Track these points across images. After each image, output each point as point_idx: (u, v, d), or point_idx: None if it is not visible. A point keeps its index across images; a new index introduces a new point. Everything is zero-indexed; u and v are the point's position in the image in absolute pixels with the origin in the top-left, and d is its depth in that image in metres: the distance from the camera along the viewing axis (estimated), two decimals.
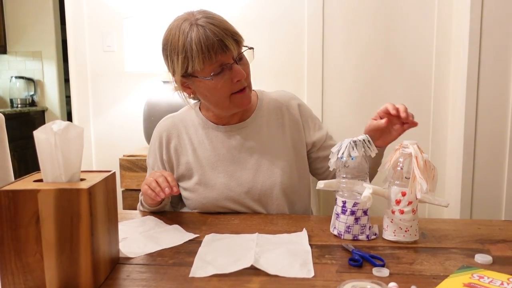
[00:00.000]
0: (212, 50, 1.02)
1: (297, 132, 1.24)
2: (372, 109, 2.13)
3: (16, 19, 3.95)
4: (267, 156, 1.19)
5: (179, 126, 1.23)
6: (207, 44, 1.02)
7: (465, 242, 0.95)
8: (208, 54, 1.02)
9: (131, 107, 2.28)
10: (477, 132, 1.98)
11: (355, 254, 0.86)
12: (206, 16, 1.05)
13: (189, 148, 1.21)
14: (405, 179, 0.93)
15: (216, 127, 1.21)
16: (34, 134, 0.73)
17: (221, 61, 1.05)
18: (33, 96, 4.03)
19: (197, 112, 1.24)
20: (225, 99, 1.10)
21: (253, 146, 1.20)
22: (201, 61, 1.03)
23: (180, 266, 0.83)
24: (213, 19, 1.05)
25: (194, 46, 1.03)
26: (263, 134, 1.21)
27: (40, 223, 0.69)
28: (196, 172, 1.20)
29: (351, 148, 0.96)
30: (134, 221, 1.10)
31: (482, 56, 1.93)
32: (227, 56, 1.05)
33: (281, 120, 1.23)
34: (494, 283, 0.71)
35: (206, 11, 1.08)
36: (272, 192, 1.18)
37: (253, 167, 1.19)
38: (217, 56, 1.04)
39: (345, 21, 2.12)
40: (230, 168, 1.19)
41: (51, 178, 0.75)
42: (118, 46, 2.26)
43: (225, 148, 1.20)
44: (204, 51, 1.02)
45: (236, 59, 1.08)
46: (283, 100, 1.26)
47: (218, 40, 1.02)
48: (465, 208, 2.01)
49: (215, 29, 1.03)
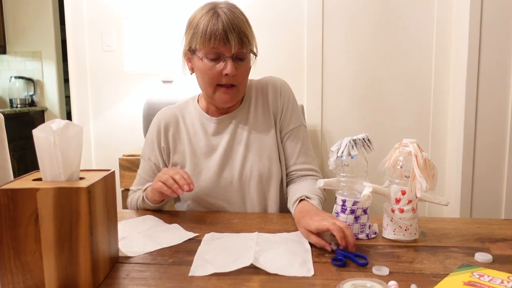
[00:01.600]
0: (213, 37, 1.10)
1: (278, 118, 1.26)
2: (371, 108, 2.15)
3: (16, 19, 3.95)
4: (255, 143, 1.23)
5: (177, 116, 1.28)
6: (212, 30, 1.10)
7: (465, 241, 0.95)
8: (208, 39, 1.10)
9: (130, 107, 2.28)
10: (477, 131, 1.98)
11: (338, 253, 0.86)
12: (227, 8, 1.13)
13: (185, 137, 1.25)
14: (405, 177, 0.93)
15: (210, 119, 1.25)
16: (34, 133, 0.73)
17: (219, 50, 1.12)
18: (32, 96, 4.03)
19: (194, 105, 1.29)
20: (210, 86, 1.17)
21: (242, 135, 1.24)
22: (201, 41, 1.12)
23: (179, 265, 0.83)
24: (231, 13, 1.12)
25: (201, 27, 1.11)
26: (251, 122, 1.25)
27: (39, 222, 0.69)
28: (190, 161, 1.23)
29: (350, 147, 0.96)
30: (133, 220, 1.10)
31: (482, 54, 1.93)
32: (226, 48, 1.12)
33: (266, 100, 1.26)
34: (494, 281, 0.71)
35: (232, 5, 1.16)
36: (262, 177, 1.21)
37: (241, 155, 1.22)
38: (216, 44, 1.11)
39: (344, 20, 2.12)
40: (222, 158, 1.22)
41: (50, 177, 0.74)
42: (117, 46, 2.26)
43: (217, 138, 1.24)
44: (207, 34, 1.10)
45: (234, 56, 1.13)
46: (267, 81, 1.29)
47: (223, 31, 1.10)
48: (465, 206, 2.01)
49: (225, 21, 1.10)
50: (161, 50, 1.90)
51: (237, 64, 1.14)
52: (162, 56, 1.91)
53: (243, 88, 1.20)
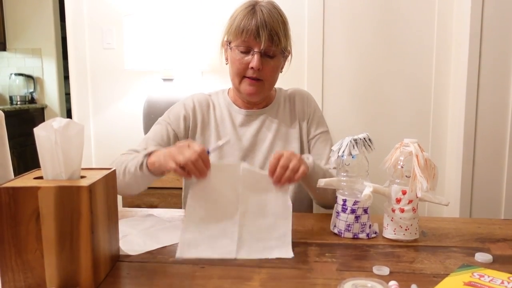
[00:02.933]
0: (245, 31, 1.17)
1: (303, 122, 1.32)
2: (372, 108, 2.15)
3: (16, 16, 3.94)
4: (280, 143, 1.28)
5: (208, 101, 1.33)
6: (246, 24, 1.17)
7: (465, 241, 0.95)
8: (240, 32, 1.17)
9: (130, 104, 2.28)
10: (477, 131, 1.98)
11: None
12: (265, 6, 1.19)
13: (213, 123, 1.29)
14: (405, 177, 0.93)
15: (239, 110, 1.30)
16: (35, 131, 0.73)
17: (249, 44, 1.18)
18: (32, 93, 4.03)
19: (224, 96, 1.34)
20: (237, 76, 1.23)
21: (268, 132, 1.28)
22: (234, 33, 1.19)
23: (180, 264, 0.83)
24: (267, 12, 1.17)
25: (237, 20, 1.19)
26: (277, 123, 1.30)
27: (41, 220, 0.69)
28: (212, 145, 1.25)
29: (351, 146, 0.96)
30: (134, 219, 1.10)
31: (483, 55, 1.93)
32: (256, 43, 1.17)
33: (293, 108, 1.33)
34: (495, 281, 0.71)
35: (272, 4, 1.22)
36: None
37: (266, 150, 1.26)
38: (247, 37, 1.17)
39: (345, 20, 2.11)
40: (246, 149, 1.26)
41: (51, 175, 0.74)
42: (118, 43, 2.25)
43: (243, 129, 1.28)
44: (240, 28, 1.17)
45: (262, 52, 1.18)
46: (295, 90, 1.38)
47: (255, 26, 1.16)
48: (465, 206, 2.02)
49: (260, 18, 1.16)
50: (161, 48, 1.89)
51: (265, 60, 1.19)
52: (162, 54, 1.90)
53: (269, 84, 1.24)
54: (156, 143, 1.22)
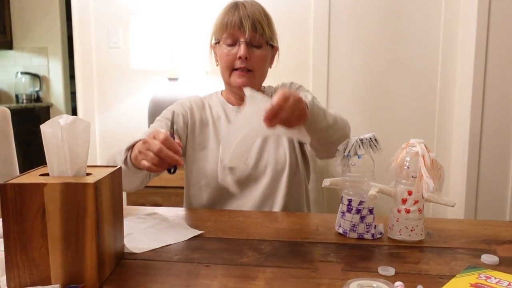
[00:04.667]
0: (229, 23, 1.21)
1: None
2: (377, 107, 2.14)
3: (22, 15, 3.96)
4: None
5: (203, 102, 1.36)
6: (229, 18, 1.21)
7: (471, 242, 0.95)
8: (225, 25, 1.22)
9: (136, 104, 2.28)
10: (483, 131, 1.97)
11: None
12: (247, 2, 1.24)
13: (210, 121, 1.32)
14: (411, 178, 0.93)
15: (232, 108, 1.33)
16: (41, 128, 0.73)
17: (234, 35, 1.21)
18: (38, 92, 4.04)
19: (218, 96, 1.37)
20: (227, 70, 1.25)
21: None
22: (219, 29, 1.24)
23: (185, 262, 0.83)
24: (249, 6, 1.23)
25: (221, 16, 1.24)
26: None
27: (46, 217, 0.69)
28: (213, 143, 1.28)
29: (357, 146, 0.95)
30: (138, 217, 1.10)
31: (489, 54, 1.92)
32: (241, 33, 1.21)
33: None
34: (502, 283, 0.71)
35: (253, 1, 1.26)
36: (277, 164, 1.25)
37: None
38: (231, 30, 1.21)
39: (351, 19, 2.11)
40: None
41: (57, 172, 0.74)
42: (124, 42, 2.26)
43: None
44: (224, 22, 1.22)
45: (248, 41, 1.20)
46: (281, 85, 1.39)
47: (238, 18, 1.20)
48: (470, 208, 2.01)
49: (242, 11, 1.21)
50: (167, 48, 1.90)
51: (252, 50, 1.22)
52: (168, 54, 1.90)
53: (259, 75, 1.27)
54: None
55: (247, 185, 1.26)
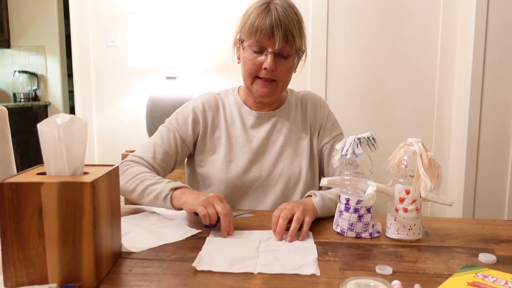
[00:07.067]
0: (259, 30, 1.13)
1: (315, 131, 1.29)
2: (375, 107, 2.14)
3: (20, 14, 3.95)
4: (290, 147, 1.26)
5: (217, 101, 1.29)
6: (260, 24, 1.13)
7: (469, 241, 0.95)
8: (254, 31, 1.14)
9: (134, 102, 2.28)
10: (481, 131, 1.97)
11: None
12: (280, 4, 1.14)
13: (223, 124, 1.27)
14: (409, 177, 0.93)
15: (249, 111, 1.28)
16: (38, 127, 0.73)
17: (263, 44, 1.15)
18: (36, 90, 4.03)
19: (234, 95, 1.31)
20: (249, 77, 1.20)
21: (279, 135, 1.26)
22: (248, 33, 1.15)
23: (182, 261, 0.83)
24: (282, 10, 1.13)
25: (251, 19, 1.15)
26: (288, 126, 1.27)
27: (43, 216, 0.69)
28: (224, 147, 1.24)
29: (355, 145, 0.95)
30: (136, 216, 1.10)
31: (487, 54, 1.92)
32: (270, 43, 1.14)
33: (305, 111, 1.30)
34: (499, 282, 0.71)
35: (288, 2, 1.18)
36: (290, 180, 1.23)
37: (276, 154, 1.24)
38: (260, 37, 1.14)
39: (349, 20, 2.11)
40: (255, 151, 1.24)
41: (55, 171, 0.74)
42: (122, 41, 2.25)
43: (254, 131, 1.26)
44: (254, 27, 1.14)
45: (276, 52, 1.14)
46: (308, 93, 1.35)
47: (270, 26, 1.12)
48: (468, 207, 2.01)
49: (275, 17, 1.12)
50: (165, 46, 1.89)
51: (279, 61, 1.16)
52: (166, 52, 1.90)
53: (282, 85, 1.22)
54: (163, 151, 1.22)
55: (255, 197, 1.23)
